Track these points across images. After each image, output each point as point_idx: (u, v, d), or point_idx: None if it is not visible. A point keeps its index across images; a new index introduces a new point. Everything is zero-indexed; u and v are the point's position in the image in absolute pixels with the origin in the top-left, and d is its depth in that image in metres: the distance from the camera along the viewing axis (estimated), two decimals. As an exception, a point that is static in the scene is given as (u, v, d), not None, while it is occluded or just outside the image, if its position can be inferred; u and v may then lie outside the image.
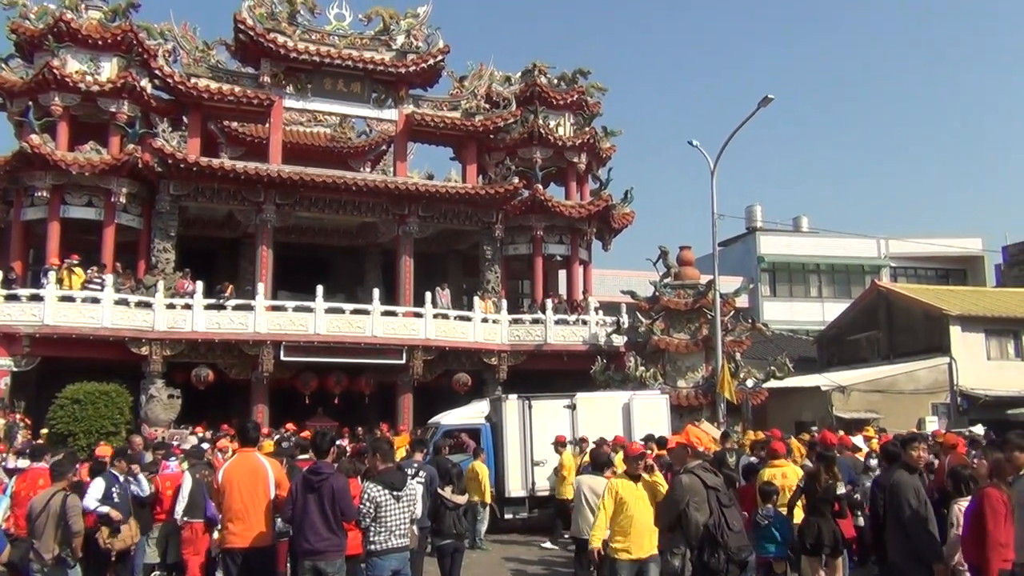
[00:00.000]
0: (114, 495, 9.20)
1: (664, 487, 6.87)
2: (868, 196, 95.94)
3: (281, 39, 24.71)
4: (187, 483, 9.85)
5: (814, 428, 20.35)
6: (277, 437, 15.33)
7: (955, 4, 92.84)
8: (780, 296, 41.92)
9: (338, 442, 16.01)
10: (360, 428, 21.61)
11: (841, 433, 15.26)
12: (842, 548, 8.84)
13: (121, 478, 9.55)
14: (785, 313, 40.52)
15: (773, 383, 23.25)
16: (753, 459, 12.64)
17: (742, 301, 29.56)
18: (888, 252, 43.08)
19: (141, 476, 10.07)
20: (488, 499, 15.21)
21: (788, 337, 33.98)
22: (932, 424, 22.70)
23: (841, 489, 9.10)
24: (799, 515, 9.26)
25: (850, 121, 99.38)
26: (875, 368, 27.23)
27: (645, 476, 6.95)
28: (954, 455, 10.94)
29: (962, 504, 7.03)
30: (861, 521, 10.69)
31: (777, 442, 11.04)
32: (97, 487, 9.13)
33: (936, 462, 11.75)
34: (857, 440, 15.89)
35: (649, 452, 11.34)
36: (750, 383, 22.79)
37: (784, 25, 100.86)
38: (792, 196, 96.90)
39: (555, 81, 29.23)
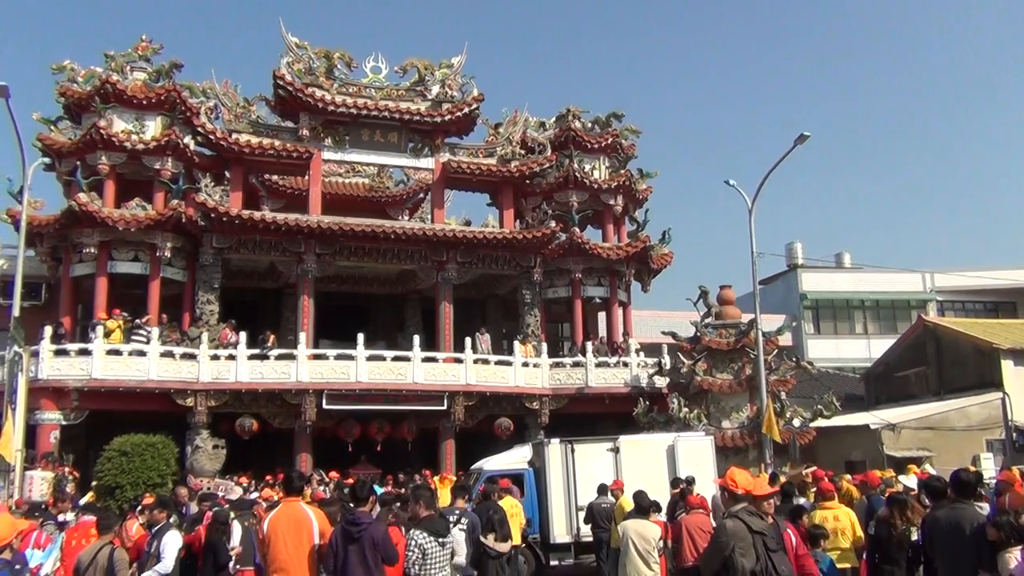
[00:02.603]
0: None
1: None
2: (912, 229, 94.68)
3: (319, 93, 25.24)
4: (236, 533, 9.87)
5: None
6: (311, 476, 15.21)
7: (998, 38, 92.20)
8: (824, 333, 41.28)
9: (379, 490, 15.98)
10: (402, 475, 21.56)
11: (870, 471, 14.81)
12: None
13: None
14: (830, 351, 39.85)
15: (821, 422, 22.83)
16: (801, 501, 12.35)
17: (785, 339, 29.19)
18: (934, 286, 42.27)
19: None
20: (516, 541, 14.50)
21: (834, 375, 33.37)
22: (987, 461, 22.08)
23: (915, 535, 8.70)
24: (842, 559, 8.94)
25: (891, 154, 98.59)
26: (925, 405, 26.60)
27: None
28: (1013, 494, 10.57)
29: (1015, 554, 6.63)
30: None
31: (827, 483, 10.78)
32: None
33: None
34: (911, 480, 15.51)
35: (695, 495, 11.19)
36: (797, 422, 22.41)
37: (820, 61, 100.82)
38: (833, 232, 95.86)
39: (589, 125, 29.43)
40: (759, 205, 21.96)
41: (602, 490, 14.72)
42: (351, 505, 7.53)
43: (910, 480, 15.55)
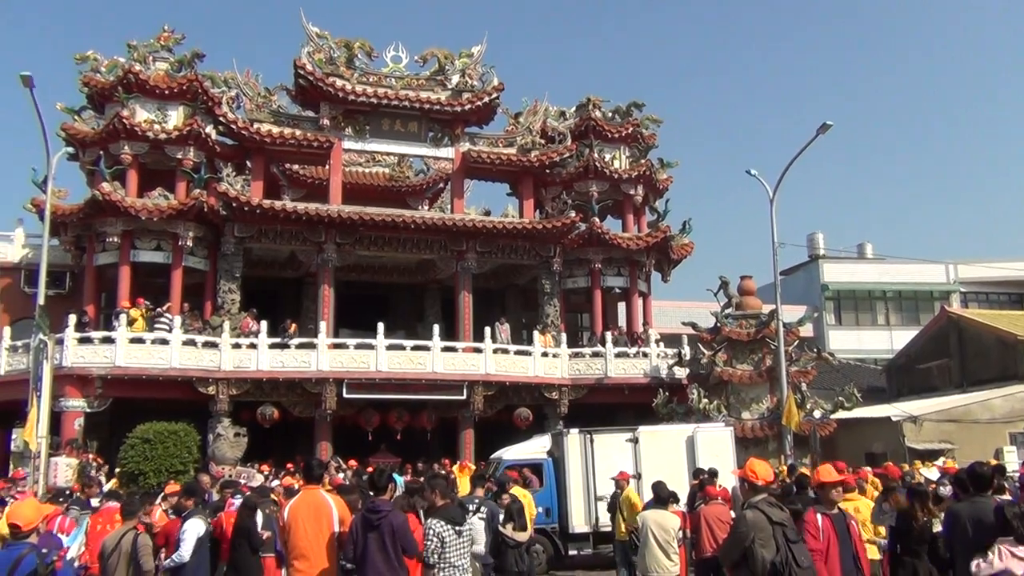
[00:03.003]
0: None
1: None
2: (936, 220, 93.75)
3: (340, 83, 25.28)
4: (258, 520, 9.95)
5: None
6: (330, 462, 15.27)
7: (1019, 26, 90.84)
8: (846, 324, 41.03)
9: (400, 479, 16.06)
10: (421, 464, 21.66)
11: (888, 464, 14.72)
12: None
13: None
14: (851, 342, 39.61)
15: (842, 414, 22.70)
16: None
17: (806, 330, 29.01)
18: (957, 277, 41.88)
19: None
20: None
21: (855, 366, 33.16)
22: (1011, 454, 21.88)
23: (937, 527, 8.60)
24: (873, 552, 8.89)
25: (915, 143, 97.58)
26: (948, 397, 26.39)
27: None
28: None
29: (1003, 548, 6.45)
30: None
31: (848, 475, 10.71)
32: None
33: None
34: (933, 472, 15.40)
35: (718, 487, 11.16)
36: (817, 414, 22.31)
37: (842, 50, 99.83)
38: (856, 223, 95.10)
39: (609, 114, 29.33)
40: (781, 195, 21.88)
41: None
42: (370, 493, 7.55)
43: (931, 473, 15.44)
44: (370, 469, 15.54)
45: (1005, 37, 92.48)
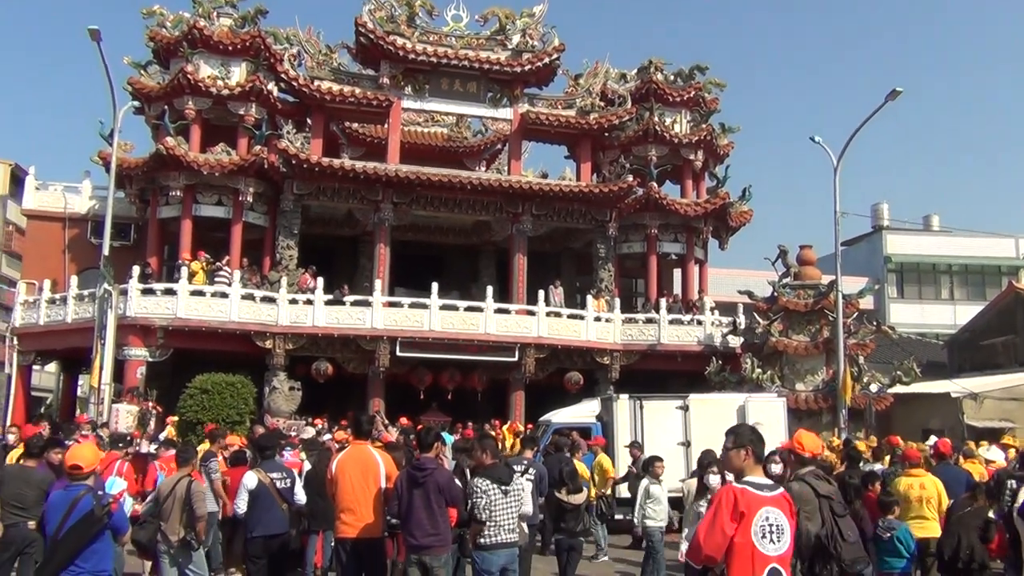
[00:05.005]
0: None
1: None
2: (1006, 193, 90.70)
3: (400, 41, 25.22)
4: (307, 470, 10.23)
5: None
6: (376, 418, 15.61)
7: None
8: (908, 298, 40.09)
9: (450, 438, 16.24)
10: (471, 423, 21.84)
11: (933, 439, 14.31)
12: (985, 570, 8.05)
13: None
14: (914, 316, 38.73)
15: (899, 388, 22.27)
16: (877, 466, 12.08)
17: (866, 303, 28.43)
18: (1027, 251, 40.60)
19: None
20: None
21: (916, 341, 32.42)
22: (1074, 435, 21.25)
23: (992, 513, 8.38)
24: (923, 528, 8.72)
25: (984, 112, 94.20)
26: (1011, 375, 25.63)
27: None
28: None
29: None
30: None
31: (912, 449, 10.49)
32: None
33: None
34: (993, 452, 15.00)
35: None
36: (874, 388, 21.92)
37: (913, 11, 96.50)
38: (922, 193, 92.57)
39: (672, 77, 28.80)
40: (845, 163, 21.33)
41: (635, 446, 15.12)
42: (416, 451, 7.66)
43: (991, 452, 15.06)
44: (420, 428, 15.77)
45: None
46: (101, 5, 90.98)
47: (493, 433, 16.69)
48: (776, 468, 7.54)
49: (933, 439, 14.58)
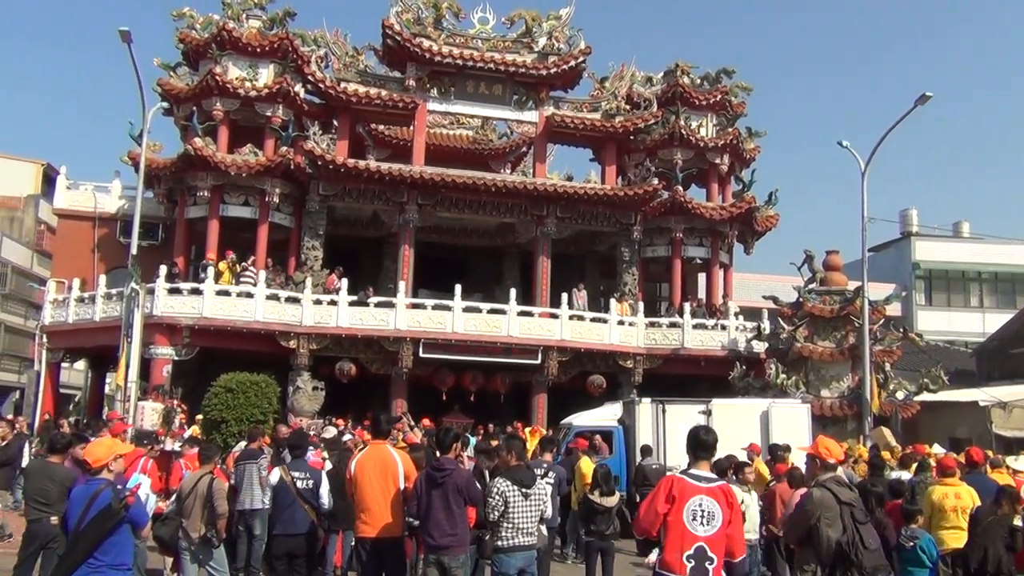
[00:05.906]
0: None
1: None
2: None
3: (426, 43, 25.31)
4: (328, 470, 10.27)
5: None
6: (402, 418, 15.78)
7: None
8: (936, 305, 39.61)
9: (472, 439, 16.25)
10: (492, 425, 21.84)
11: (972, 447, 14.09)
12: None
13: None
14: (942, 323, 38.26)
15: (926, 396, 22.04)
16: (904, 475, 11.94)
17: (893, 309, 28.13)
18: (1060, 260, 39.96)
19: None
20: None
21: (944, 349, 32.05)
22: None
23: (1018, 521, 8.29)
24: (958, 539, 8.53)
25: (1017, 118, 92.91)
26: (1042, 384, 25.29)
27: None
28: None
29: None
30: None
31: (948, 457, 10.35)
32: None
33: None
34: (1021, 462, 14.80)
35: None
36: (900, 395, 21.70)
37: (943, 15, 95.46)
38: (952, 200, 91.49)
39: (698, 81, 28.70)
40: (873, 169, 21.13)
41: (646, 451, 14.87)
42: (436, 452, 7.66)
43: (1019, 462, 14.86)
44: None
45: None
46: (132, 7, 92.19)
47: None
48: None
49: (940, 450, 14.40)
